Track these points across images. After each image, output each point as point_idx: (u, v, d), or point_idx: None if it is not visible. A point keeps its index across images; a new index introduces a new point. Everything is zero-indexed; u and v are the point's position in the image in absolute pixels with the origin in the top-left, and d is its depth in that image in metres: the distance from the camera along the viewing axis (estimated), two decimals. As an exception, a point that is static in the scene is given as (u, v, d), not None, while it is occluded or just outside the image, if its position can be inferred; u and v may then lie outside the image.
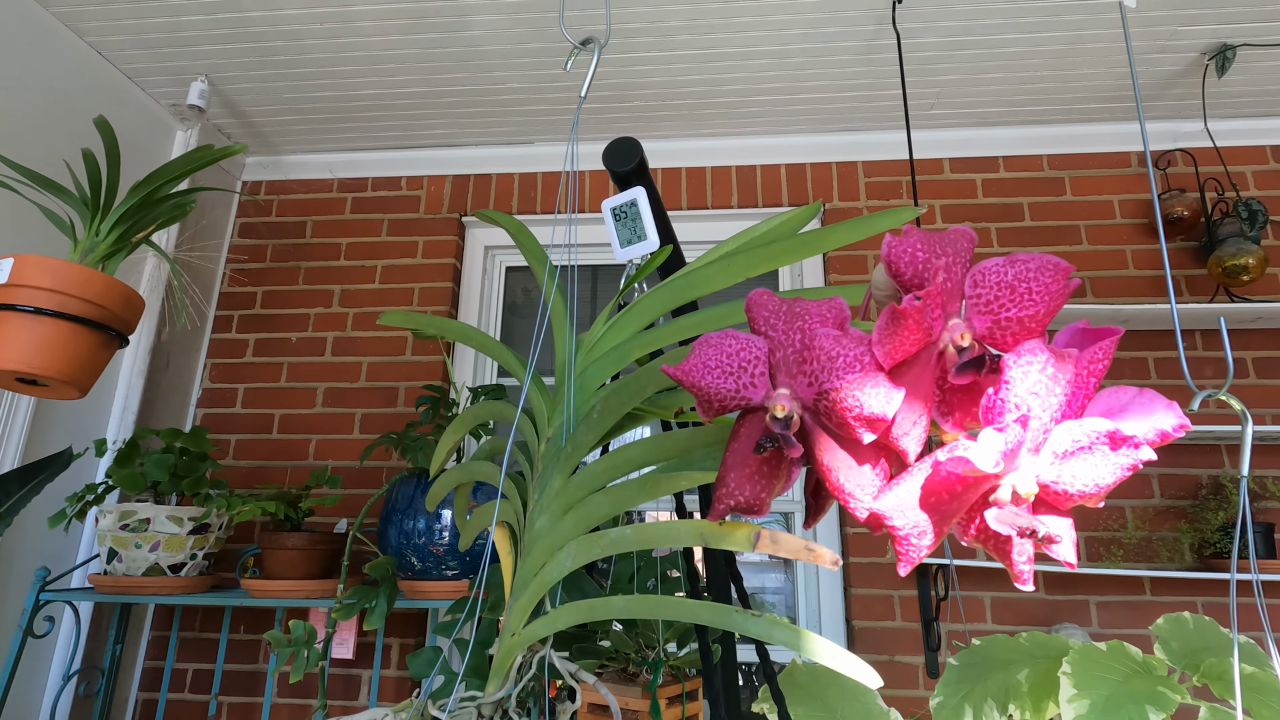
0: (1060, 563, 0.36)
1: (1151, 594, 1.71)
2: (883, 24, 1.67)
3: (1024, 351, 0.34)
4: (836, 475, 0.39)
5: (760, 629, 0.43)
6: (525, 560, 0.59)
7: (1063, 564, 0.35)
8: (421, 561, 1.51)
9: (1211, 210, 1.86)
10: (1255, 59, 1.72)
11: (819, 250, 0.57)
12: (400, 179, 2.25)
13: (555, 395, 0.66)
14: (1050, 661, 1.01)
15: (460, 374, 2.08)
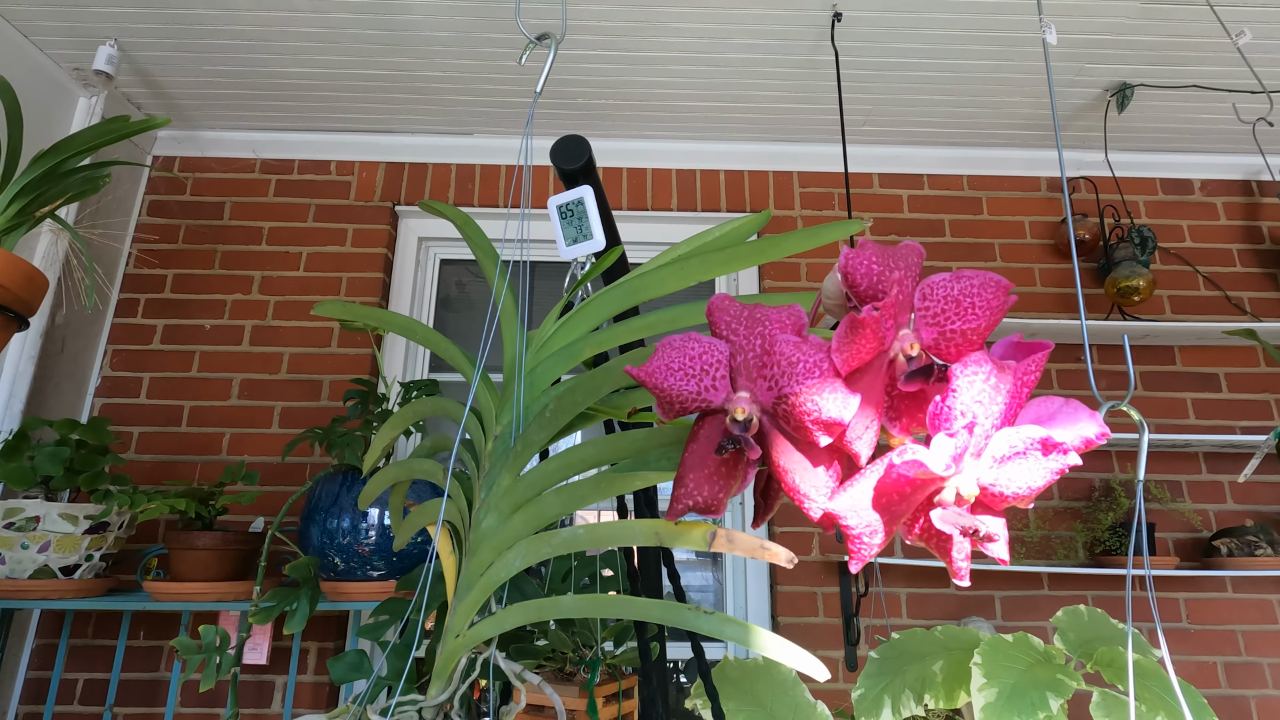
0: (994, 560, 0.38)
1: (1049, 589, 1.84)
2: (822, 40, 1.72)
3: (970, 362, 0.36)
4: (792, 477, 0.40)
5: (713, 626, 0.44)
6: (471, 560, 0.58)
7: (997, 561, 0.38)
8: (346, 562, 1.46)
9: (1109, 235, 2.02)
10: (1151, 98, 1.88)
11: (772, 258, 0.59)
12: (330, 163, 2.16)
13: (503, 393, 0.65)
14: (962, 653, 1.07)
15: (389, 368, 2.01)
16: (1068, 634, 1.07)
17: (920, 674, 1.07)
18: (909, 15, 1.65)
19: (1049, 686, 0.93)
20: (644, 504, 0.86)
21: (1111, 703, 0.91)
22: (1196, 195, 2.17)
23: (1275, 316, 2.03)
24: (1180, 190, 2.17)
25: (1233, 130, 1.98)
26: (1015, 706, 0.91)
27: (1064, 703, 0.92)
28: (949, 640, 1.10)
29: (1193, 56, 1.72)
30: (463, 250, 2.23)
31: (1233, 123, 1.92)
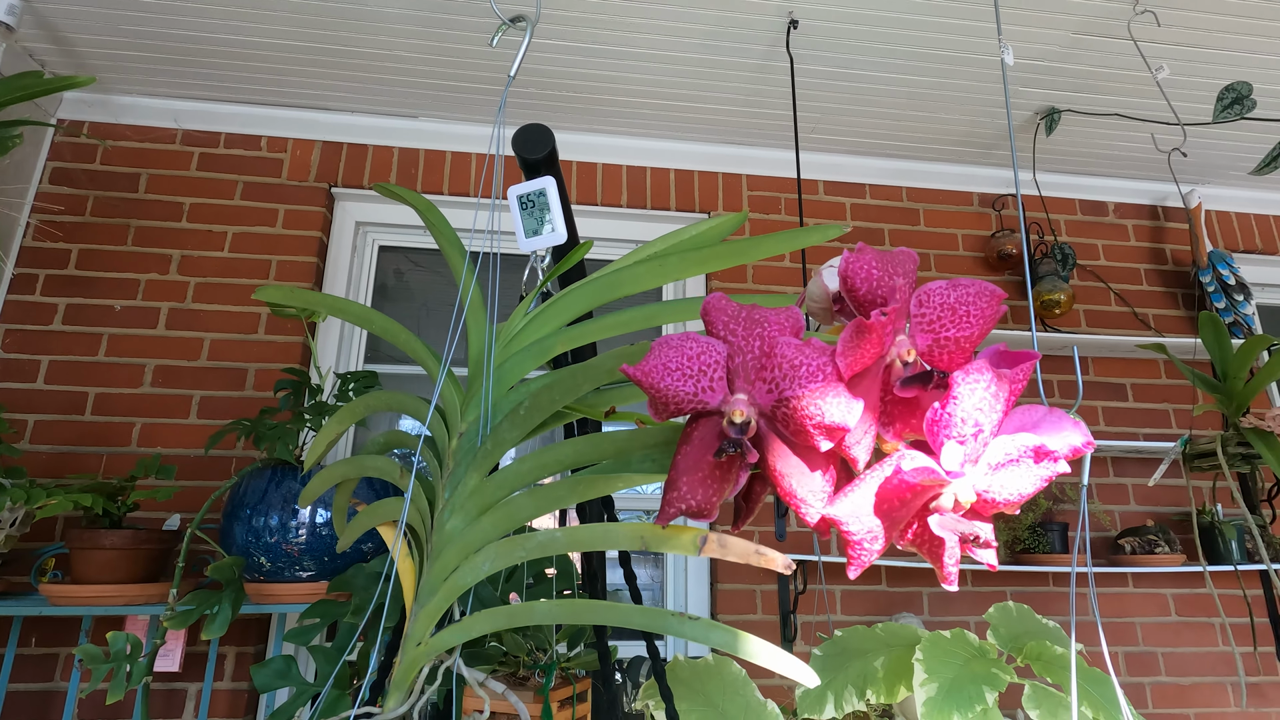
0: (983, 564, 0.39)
1: (972, 585, 1.93)
2: (777, 46, 1.75)
3: (971, 370, 0.37)
4: (789, 481, 0.39)
5: (698, 633, 0.43)
6: (434, 564, 0.55)
7: (985, 566, 0.38)
8: (273, 562, 1.38)
9: (1034, 251, 2.14)
10: (1075, 124, 2.00)
11: (752, 259, 0.58)
12: (260, 138, 2.04)
13: (468, 388, 0.62)
14: (902, 649, 1.10)
15: (323, 358, 1.91)
16: (999, 629, 1.12)
17: (862, 670, 1.10)
18: (862, 28, 1.69)
19: (985, 681, 0.97)
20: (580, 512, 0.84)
21: (1041, 695, 0.96)
22: (1110, 217, 2.32)
23: (1175, 332, 2.19)
24: (1096, 212, 2.32)
25: (1150, 158, 2.13)
26: (954, 700, 0.94)
27: (998, 695, 0.97)
28: (889, 637, 1.14)
29: (1116, 86, 1.84)
30: (404, 237, 2.15)
31: (1150, 151, 2.06)
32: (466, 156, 2.11)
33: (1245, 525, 1.83)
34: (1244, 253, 2.32)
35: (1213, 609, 1.99)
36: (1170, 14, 1.61)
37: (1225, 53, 1.72)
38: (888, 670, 1.09)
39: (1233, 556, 1.80)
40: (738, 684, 0.97)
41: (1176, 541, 1.86)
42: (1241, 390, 1.24)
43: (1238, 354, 1.24)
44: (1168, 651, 1.95)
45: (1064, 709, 0.94)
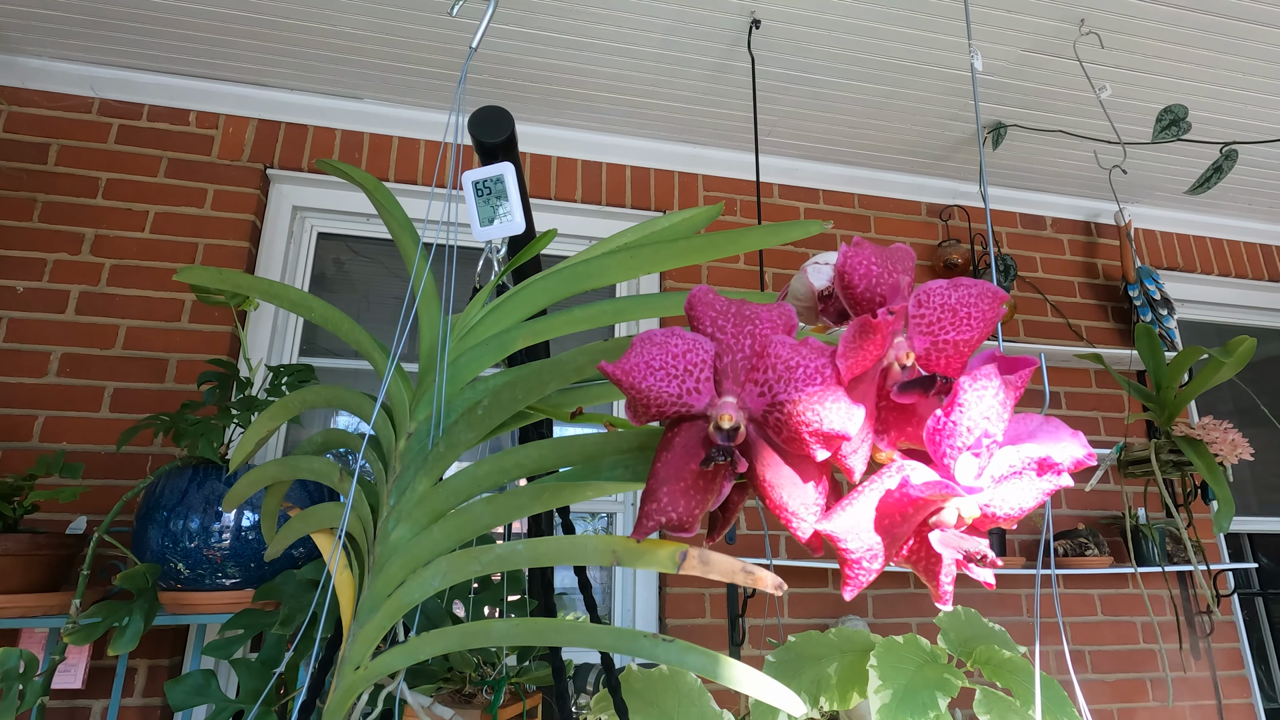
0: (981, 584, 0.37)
1: (914, 587, 1.97)
2: (738, 45, 1.73)
3: (980, 376, 0.34)
4: (779, 493, 0.36)
5: (673, 656, 0.39)
6: (376, 578, 0.50)
7: (983, 585, 0.36)
8: (192, 569, 1.27)
9: (978, 261, 2.19)
10: (1019, 139, 2.06)
11: (727, 253, 0.55)
12: (189, 113, 1.90)
13: (419, 385, 0.57)
14: (856, 655, 1.10)
15: (254, 350, 1.80)
16: (949, 634, 1.12)
17: (816, 676, 1.08)
18: (823, 32, 1.69)
19: (937, 686, 0.97)
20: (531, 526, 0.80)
21: (992, 700, 0.96)
22: (1048, 231, 2.41)
23: (1105, 343, 2.29)
24: (1035, 225, 2.41)
25: (1087, 175, 2.22)
26: (908, 707, 0.94)
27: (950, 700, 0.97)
28: (843, 642, 1.13)
29: (1061, 105, 1.91)
30: (346, 224, 2.04)
31: (1089, 168, 2.15)
32: (414, 143, 2.03)
33: (1165, 528, 1.92)
34: (1168, 270, 2.45)
35: (1133, 608, 2.08)
36: (1113, 37, 1.67)
37: (1164, 77, 1.80)
38: (841, 677, 1.08)
39: (1155, 558, 1.89)
40: (693, 695, 0.94)
41: (1105, 544, 1.93)
42: (1174, 400, 1.29)
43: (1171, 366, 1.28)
44: (1094, 649, 2.03)
45: (1014, 713, 0.94)
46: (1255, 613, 2.48)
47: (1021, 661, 1.06)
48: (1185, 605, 2.06)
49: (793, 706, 0.37)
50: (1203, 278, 2.49)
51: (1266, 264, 2.57)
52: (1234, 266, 2.53)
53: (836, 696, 1.06)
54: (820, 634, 1.17)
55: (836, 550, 0.34)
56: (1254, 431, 2.46)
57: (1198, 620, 2.07)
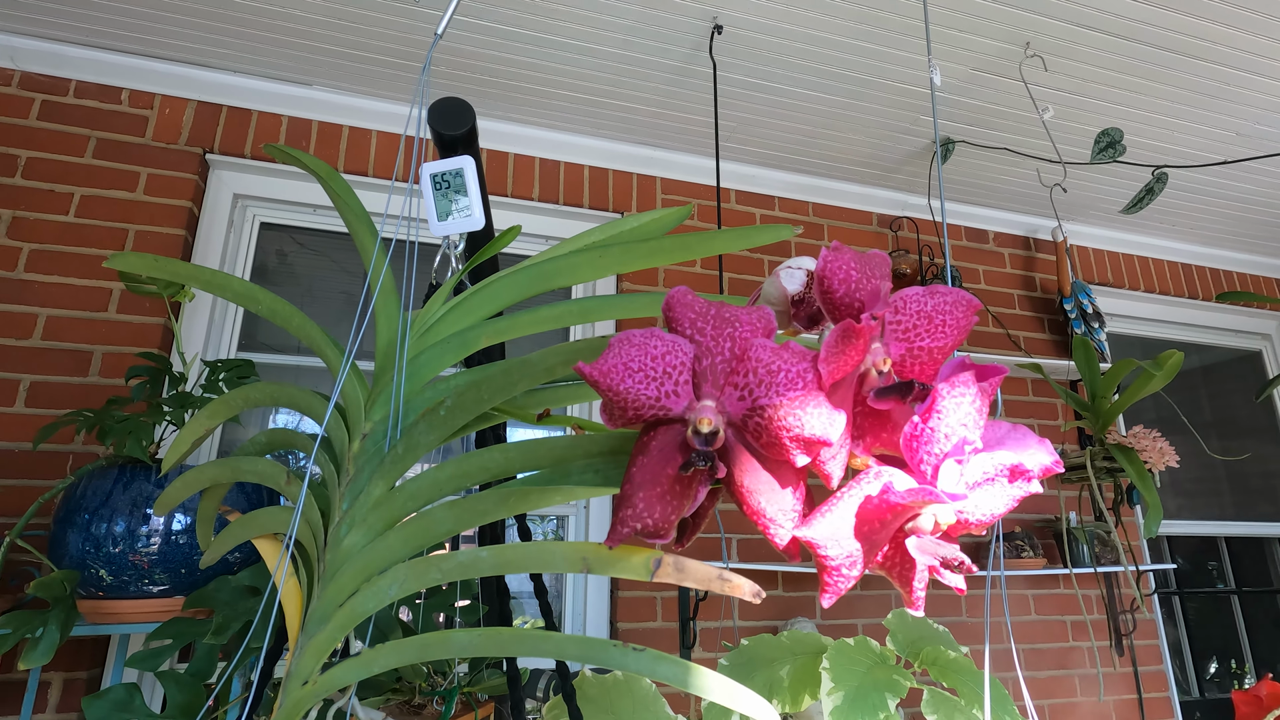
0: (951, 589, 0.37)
1: (861, 589, 2.01)
2: (700, 50, 1.74)
3: (957, 384, 0.34)
4: (757, 499, 0.36)
5: (643, 665, 0.38)
6: (326, 587, 0.47)
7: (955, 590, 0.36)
8: (116, 575, 1.19)
9: (925, 272, 2.26)
10: (967, 155, 2.14)
11: (698, 255, 0.54)
12: (121, 91, 1.79)
13: (374, 384, 0.55)
14: (807, 657, 1.11)
15: (188, 344, 1.70)
16: (897, 635, 1.14)
17: (769, 679, 1.09)
18: (783, 41, 1.71)
19: (887, 687, 0.98)
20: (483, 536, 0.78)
21: (939, 700, 0.99)
22: (990, 245, 2.50)
23: (1042, 354, 2.39)
24: (978, 239, 2.50)
25: (1029, 192, 2.31)
26: (859, 708, 0.95)
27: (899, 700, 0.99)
28: (795, 645, 1.14)
29: (1006, 124, 1.98)
30: (291, 215, 1.96)
31: (1031, 185, 2.24)
32: (366, 133, 1.96)
33: (1095, 531, 2.02)
34: (1099, 285, 2.58)
35: (1065, 608, 2.17)
36: (1056, 61, 1.74)
37: (1102, 102, 1.89)
38: (793, 679, 1.09)
39: (1086, 559, 1.97)
40: (648, 700, 0.93)
41: (1039, 546, 2.02)
42: (1108, 409, 1.36)
43: (1106, 376, 1.35)
44: (1028, 647, 2.11)
45: (959, 712, 0.97)
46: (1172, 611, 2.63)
47: (965, 661, 1.09)
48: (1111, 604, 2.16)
49: (765, 714, 0.36)
50: (1130, 293, 2.63)
51: (1188, 282, 2.73)
52: (1159, 284, 2.68)
53: (788, 699, 1.07)
54: (773, 637, 1.17)
55: (816, 557, 0.34)
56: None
57: (1122, 618, 2.18)
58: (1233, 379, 2.87)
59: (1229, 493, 2.71)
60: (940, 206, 1.95)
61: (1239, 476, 2.74)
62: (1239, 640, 2.71)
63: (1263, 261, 2.85)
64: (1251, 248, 2.76)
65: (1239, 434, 2.82)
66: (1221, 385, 2.86)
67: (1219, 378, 2.87)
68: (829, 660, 1.03)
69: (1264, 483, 2.76)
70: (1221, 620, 2.74)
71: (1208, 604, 2.75)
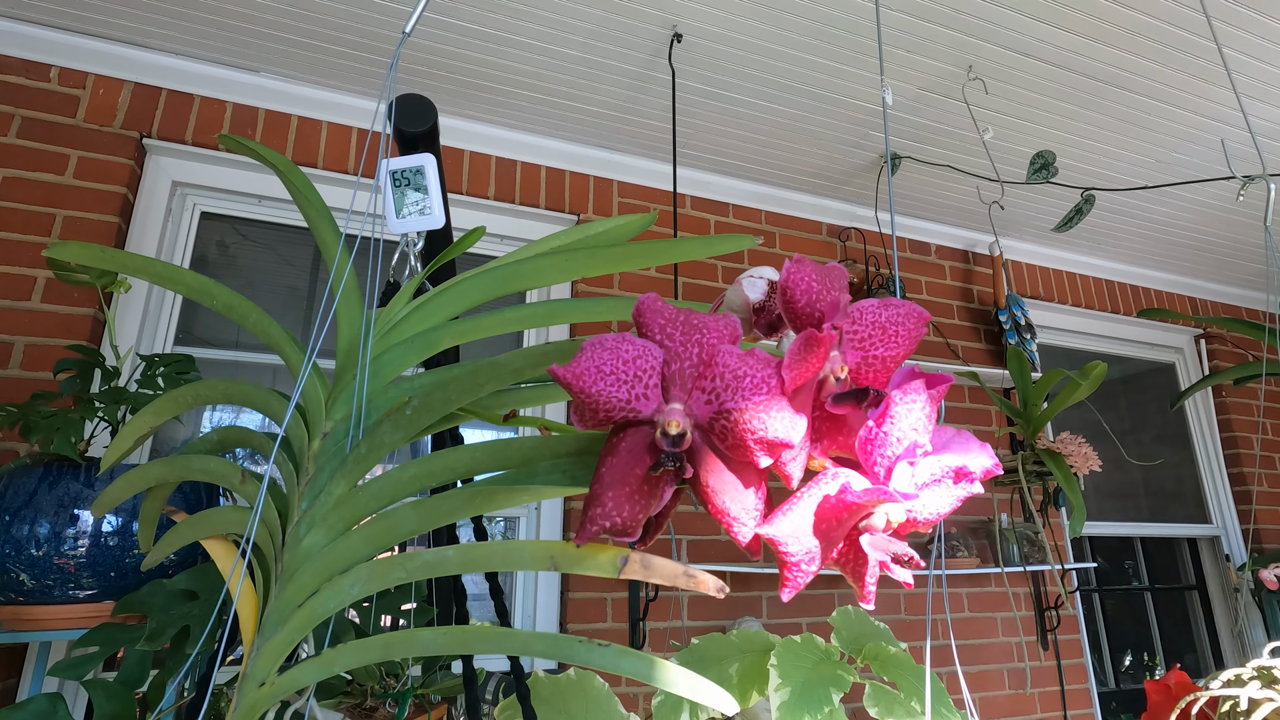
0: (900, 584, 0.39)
1: (804, 589, 2.06)
2: (659, 57, 1.76)
3: (909, 390, 0.37)
4: (722, 498, 0.37)
5: (608, 661, 0.39)
6: (285, 588, 0.46)
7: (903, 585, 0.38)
8: (39, 579, 1.13)
9: (871, 281, 2.34)
10: (912, 170, 2.22)
11: (665, 261, 0.56)
12: (50, 68, 1.70)
13: (335, 383, 0.54)
14: (756, 655, 1.13)
15: (121, 337, 1.63)
16: (841, 632, 1.18)
17: (719, 677, 1.11)
18: (740, 53, 1.75)
19: (832, 682, 1.02)
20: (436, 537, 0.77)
21: (880, 693, 1.03)
22: (932, 257, 2.61)
23: (978, 362, 2.51)
24: (921, 251, 2.60)
25: (969, 208, 2.42)
26: (805, 703, 0.98)
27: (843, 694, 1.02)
28: (744, 643, 1.17)
29: (950, 142, 2.07)
30: (235, 205, 1.89)
31: (974, 202, 2.34)
32: (316, 123, 1.91)
33: (1025, 531, 2.13)
34: (1031, 298, 2.71)
35: (995, 605, 2.28)
36: (996, 85, 1.83)
37: (1038, 125, 2.00)
38: (742, 676, 1.11)
39: (1016, 559, 2.08)
40: (601, 699, 0.94)
41: (973, 546, 2.11)
42: (1038, 416, 1.43)
43: (1037, 385, 1.42)
44: (961, 644, 2.20)
45: (899, 705, 1.01)
46: (1092, 607, 2.78)
47: (904, 657, 1.14)
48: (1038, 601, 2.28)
49: (727, 706, 0.38)
50: (1060, 307, 2.78)
51: (1111, 298, 2.90)
52: (1085, 299, 2.84)
53: (738, 695, 1.09)
54: (722, 636, 1.20)
55: (777, 553, 0.35)
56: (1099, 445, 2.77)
57: (1048, 615, 2.30)
58: (1149, 389, 3.07)
59: (1144, 496, 2.90)
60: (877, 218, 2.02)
61: (1154, 481, 2.93)
62: (1151, 634, 2.90)
63: (1178, 280, 3.05)
64: (1168, 267, 2.96)
65: (1154, 441, 3.01)
66: (1139, 395, 3.05)
67: (1137, 388, 3.06)
68: (777, 657, 1.06)
69: (1176, 487, 2.95)
70: (1136, 616, 2.92)
71: (1124, 601, 2.93)
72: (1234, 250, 2.78)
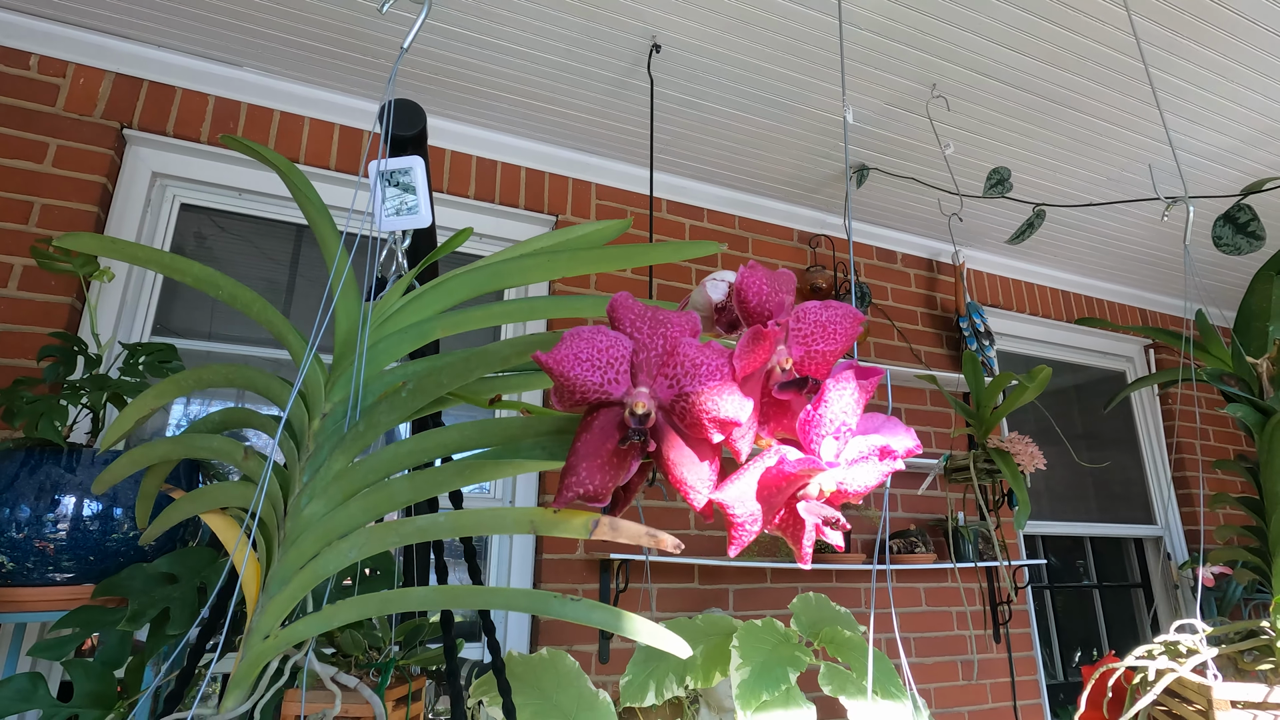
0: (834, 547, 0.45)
1: (771, 582, 2.14)
2: (638, 65, 1.82)
3: (841, 379, 0.43)
4: (680, 470, 0.43)
5: (580, 613, 0.45)
6: (288, 552, 0.51)
7: (835, 548, 0.45)
8: (18, 562, 1.15)
9: (839, 287, 2.43)
10: (880, 181, 2.31)
11: (639, 264, 0.62)
12: (30, 56, 1.70)
13: (334, 369, 0.59)
14: (720, 638, 1.20)
15: (100, 326, 1.64)
16: (801, 618, 1.25)
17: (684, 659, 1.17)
18: (716, 64, 1.82)
19: (789, 663, 1.09)
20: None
21: (833, 673, 1.10)
22: (898, 265, 2.71)
23: (940, 367, 2.61)
24: (888, 259, 2.70)
25: (932, 219, 2.52)
26: (763, 681, 1.05)
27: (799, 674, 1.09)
28: (708, 627, 1.23)
29: (914, 155, 2.16)
30: (215, 197, 1.91)
31: (936, 213, 2.44)
32: (298, 119, 1.94)
33: (979, 529, 2.23)
34: (991, 306, 2.83)
35: (952, 600, 2.38)
36: (958, 102, 1.93)
37: (996, 142, 2.10)
38: (705, 658, 1.17)
39: (970, 555, 2.18)
40: (571, 676, 1.00)
41: (931, 543, 2.20)
42: (989, 417, 1.52)
43: (989, 388, 1.51)
44: (918, 636, 2.30)
45: (850, 684, 1.08)
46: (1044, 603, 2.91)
47: (859, 640, 1.21)
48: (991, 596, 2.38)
49: (681, 650, 0.44)
50: (1018, 315, 2.91)
51: (1065, 307, 3.04)
52: (1041, 307, 2.96)
53: (701, 676, 1.16)
54: (688, 620, 1.26)
55: (725, 515, 0.42)
56: (1052, 449, 2.90)
57: (1000, 610, 2.40)
58: (1101, 396, 3.21)
59: (1094, 497, 3.03)
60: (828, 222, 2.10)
61: (1103, 483, 3.06)
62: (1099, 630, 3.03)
63: (1129, 292, 3.20)
64: (1120, 279, 3.10)
65: (1105, 445, 3.15)
66: (1092, 401, 3.19)
67: (1090, 394, 3.20)
68: (738, 639, 1.12)
69: (1124, 489, 3.10)
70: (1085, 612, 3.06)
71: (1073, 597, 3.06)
72: (1180, 265, 2.93)
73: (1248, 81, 1.87)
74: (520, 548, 1.96)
